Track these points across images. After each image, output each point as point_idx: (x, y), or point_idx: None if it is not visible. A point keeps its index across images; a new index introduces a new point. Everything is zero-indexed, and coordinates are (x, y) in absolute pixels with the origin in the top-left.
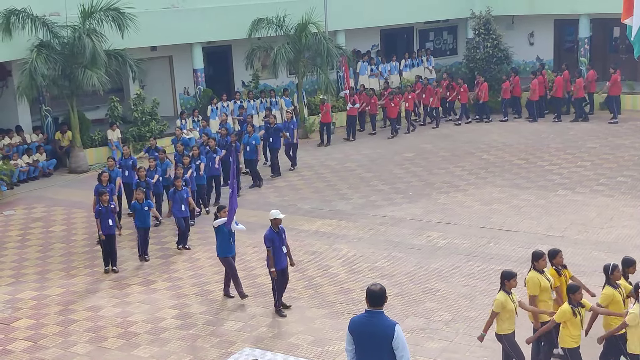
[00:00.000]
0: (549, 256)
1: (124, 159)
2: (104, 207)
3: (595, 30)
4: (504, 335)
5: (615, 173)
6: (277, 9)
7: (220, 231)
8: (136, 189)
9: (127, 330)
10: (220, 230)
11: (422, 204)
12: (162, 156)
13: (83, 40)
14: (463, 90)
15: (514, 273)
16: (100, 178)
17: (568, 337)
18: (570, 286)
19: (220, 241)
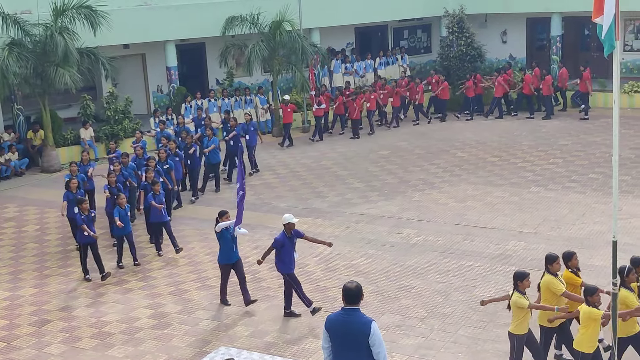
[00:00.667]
0: (563, 259)
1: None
2: (86, 216)
3: (567, 29)
4: (517, 335)
5: (587, 170)
6: (251, 7)
7: (223, 237)
8: (117, 195)
9: (102, 330)
10: (222, 236)
11: (397, 202)
12: (125, 160)
13: (55, 38)
14: (419, 90)
15: (526, 273)
16: (69, 185)
17: (587, 340)
18: (588, 288)
19: (223, 247)
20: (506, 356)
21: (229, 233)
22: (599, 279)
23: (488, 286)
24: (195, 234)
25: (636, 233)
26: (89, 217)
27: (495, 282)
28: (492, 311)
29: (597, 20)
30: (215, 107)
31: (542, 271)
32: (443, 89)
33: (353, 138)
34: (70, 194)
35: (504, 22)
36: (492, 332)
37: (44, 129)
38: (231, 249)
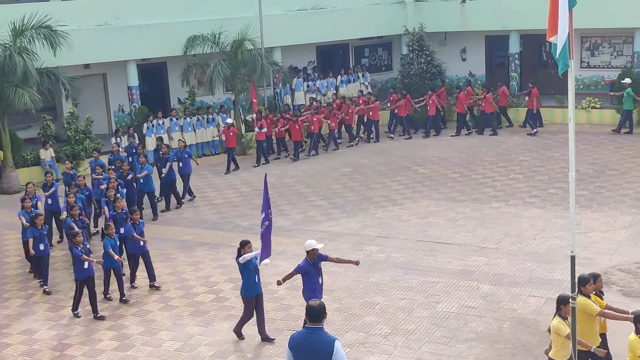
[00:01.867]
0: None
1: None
2: (81, 250)
3: (525, 46)
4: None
5: (547, 185)
6: (212, 26)
7: (246, 268)
8: (106, 225)
9: (63, 353)
10: (246, 267)
11: (359, 219)
12: (81, 182)
13: (14, 58)
14: (374, 107)
15: (569, 297)
16: (35, 221)
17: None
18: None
19: (247, 279)
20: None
21: (252, 264)
22: (559, 293)
23: (451, 302)
24: (157, 254)
25: (595, 247)
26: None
27: (458, 297)
28: (455, 327)
29: (551, 40)
30: (177, 126)
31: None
32: (373, 109)
33: (294, 159)
34: (36, 230)
35: (464, 40)
36: (455, 348)
37: (3, 150)
38: (254, 281)
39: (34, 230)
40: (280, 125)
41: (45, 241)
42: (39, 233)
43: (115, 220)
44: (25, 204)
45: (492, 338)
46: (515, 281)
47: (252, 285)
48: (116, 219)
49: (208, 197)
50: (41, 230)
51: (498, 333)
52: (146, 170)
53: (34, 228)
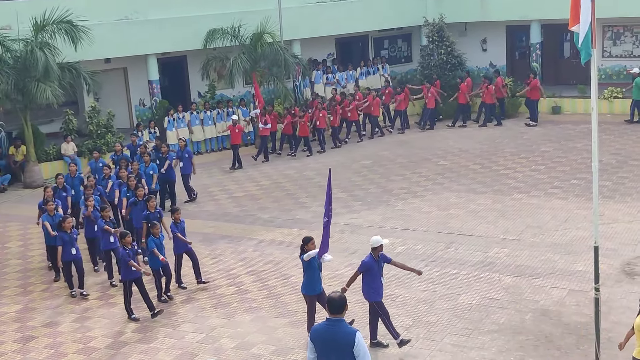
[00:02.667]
0: None
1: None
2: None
3: (546, 36)
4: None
5: (569, 176)
6: (232, 19)
7: (310, 265)
8: (151, 224)
9: (87, 345)
10: (310, 265)
11: (380, 211)
12: (107, 171)
13: (35, 53)
14: (375, 103)
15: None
16: (64, 225)
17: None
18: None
19: (310, 277)
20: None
21: (317, 261)
22: (582, 285)
23: (472, 294)
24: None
25: (618, 238)
26: (72, 237)
27: (480, 289)
28: (477, 318)
29: (573, 29)
30: (197, 120)
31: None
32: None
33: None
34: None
35: (484, 30)
36: (477, 340)
37: (26, 145)
38: (318, 278)
39: (63, 234)
40: (286, 120)
41: (76, 245)
42: (69, 237)
43: (148, 220)
44: (48, 207)
45: (514, 330)
46: (538, 273)
47: (315, 283)
48: (149, 218)
49: (229, 190)
50: (70, 234)
51: (520, 325)
52: (151, 169)
53: (63, 232)
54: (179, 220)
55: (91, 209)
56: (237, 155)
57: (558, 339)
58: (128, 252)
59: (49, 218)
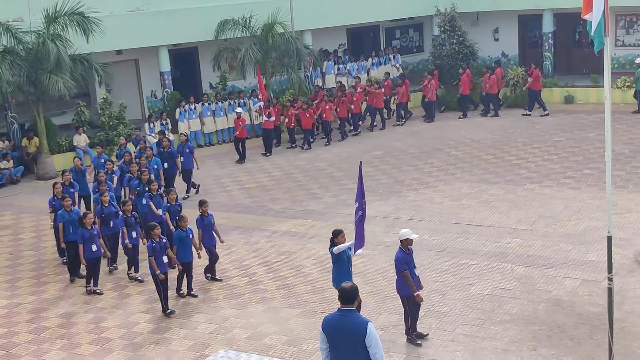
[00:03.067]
0: None
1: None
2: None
3: (558, 25)
4: None
5: (582, 166)
6: (243, 10)
7: (340, 258)
8: (178, 217)
9: (100, 335)
10: (339, 258)
11: (392, 201)
12: (109, 166)
13: (47, 45)
14: (378, 94)
15: None
16: (85, 221)
17: None
18: None
19: (339, 270)
20: (504, 353)
21: (346, 255)
22: (595, 274)
23: (485, 284)
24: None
25: (631, 228)
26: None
27: (492, 279)
28: (490, 309)
29: (586, 17)
30: (209, 111)
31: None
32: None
33: (307, 148)
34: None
35: (496, 19)
36: (490, 330)
37: (38, 136)
38: (348, 271)
39: (84, 231)
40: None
41: (97, 242)
42: (90, 234)
43: (170, 213)
44: (65, 203)
45: (527, 320)
46: (550, 263)
47: (344, 276)
48: (170, 211)
49: (241, 181)
50: (91, 230)
51: (533, 315)
52: (155, 163)
53: (84, 229)
54: (207, 214)
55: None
56: (243, 148)
57: (571, 329)
58: (155, 246)
59: (65, 214)
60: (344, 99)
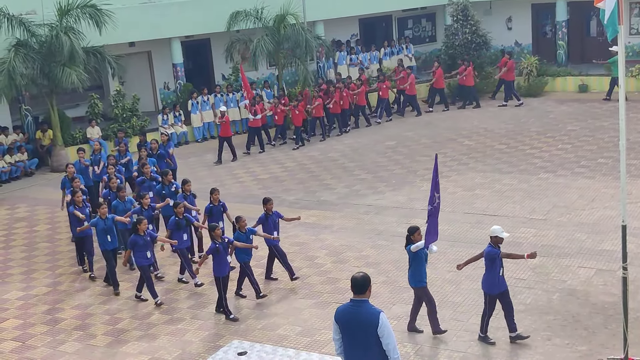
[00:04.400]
0: None
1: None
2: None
3: (572, 14)
4: None
5: (596, 155)
6: (255, 1)
7: (417, 257)
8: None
9: (116, 327)
10: (417, 257)
11: (405, 192)
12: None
13: (60, 38)
14: (385, 87)
15: None
16: (99, 212)
17: None
18: None
19: (416, 268)
20: (519, 343)
21: (424, 253)
22: (610, 264)
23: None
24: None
25: None
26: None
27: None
28: None
29: (599, 5)
30: (221, 103)
31: None
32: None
33: (296, 148)
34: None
35: (509, 8)
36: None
37: (52, 129)
38: (424, 270)
39: (137, 238)
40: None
41: (151, 249)
42: (143, 240)
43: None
44: (101, 211)
45: (541, 310)
46: (565, 252)
47: (422, 275)
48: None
49: (254, 172)
50: (144, 236)
51: (547, 305)
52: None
53: (137, 236)
54: (271, 212)
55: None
56: (230, 146)
57: (585, 319)
58: (218, 247)
59: (100, 222)
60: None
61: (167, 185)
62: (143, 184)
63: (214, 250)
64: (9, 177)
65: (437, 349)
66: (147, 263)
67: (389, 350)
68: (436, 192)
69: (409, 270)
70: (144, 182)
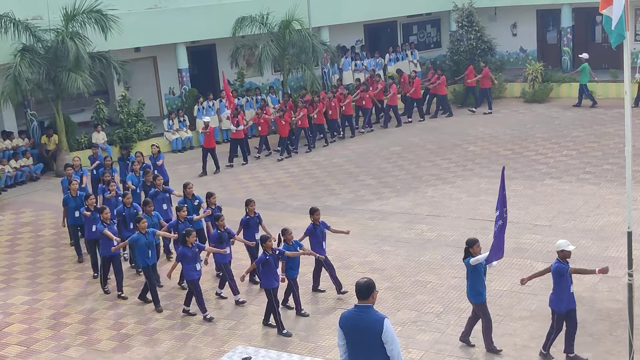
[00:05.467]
0: None
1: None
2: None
3: (577, 20)
4: None
5: (601, 161)
6: (260, 7)
7: (476, 270)
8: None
9: (120, 332)
10: (475, 270)
11: (410, 197)
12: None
13: (66, 43)
14: (368, 96)
15: None
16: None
17: None
18: None
19: (475, 282)
20: (523, 349)
21: (483, 266)
22: (615, 271)
23: (504, 280)
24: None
25: None
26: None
27: (511, 275)
28: (508, 305)
29: (604, 12)
30: (226, 108)
31: None
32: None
33: (280, 159)
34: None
35: (514, 14)
36: (509, 326)
37: (57, 134)
38: (484, 285)
39: (185, 250)
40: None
41: (199, 260)
42: (192, 252)
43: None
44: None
45: (546, 316)
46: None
47: (481, 289)
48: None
49: (259, 177)
50: (192, 248)
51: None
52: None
53: (185, 247)
54: (318, 223)
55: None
56: (214, 157)
57: (591, 325)
58: (268, 259)
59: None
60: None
61: (190, 199)
62: (156, 196)
63: (263, 262)
64: (14, 182)
65: (441, 355)
66: (197, 276)
67: (393, 357)
68: (504, 207)
69: (467, 284)
70: (157, 195)
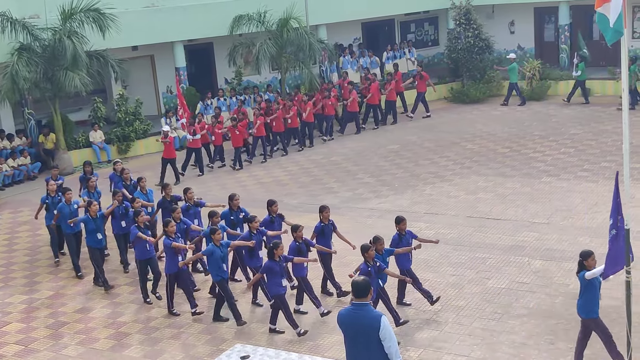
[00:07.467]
0: None
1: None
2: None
3: (575, 17)
4: None
5: (599, 159)
6: (258, 5)
7: (591, 285)
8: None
9: (118, 330)
10: (590, 284)
11: (408, 196)
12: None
13: (64, 42)
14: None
15: None
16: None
17: None
18: None
19: (589, 297)
20: (522, 347)
21: (598, 280)
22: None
23: (502, 278)
24: None
25: None
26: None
27: (509, 273)
28: (507, 302)
29: (599, 9)
30: (224, 107)
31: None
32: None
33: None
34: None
35: (512, 12)
36: (507, 324)
37: (55, 133)
38: (597, 299)
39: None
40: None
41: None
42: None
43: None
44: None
45: (544, 314)
46: (567, 256)
47: (594, 305)
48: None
49: (257, 176)
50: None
51: (550, 308)
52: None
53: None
54: (404, 233)
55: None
56: (174, 168)
57: None
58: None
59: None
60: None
61: (235, 212)
62: (188, 210)
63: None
64: (12, 181)
65: (439, 353)
66: (283, 292)
67: (391, 354)
68: (618, 214)
69: (580, 299)
70: (189, 210)
